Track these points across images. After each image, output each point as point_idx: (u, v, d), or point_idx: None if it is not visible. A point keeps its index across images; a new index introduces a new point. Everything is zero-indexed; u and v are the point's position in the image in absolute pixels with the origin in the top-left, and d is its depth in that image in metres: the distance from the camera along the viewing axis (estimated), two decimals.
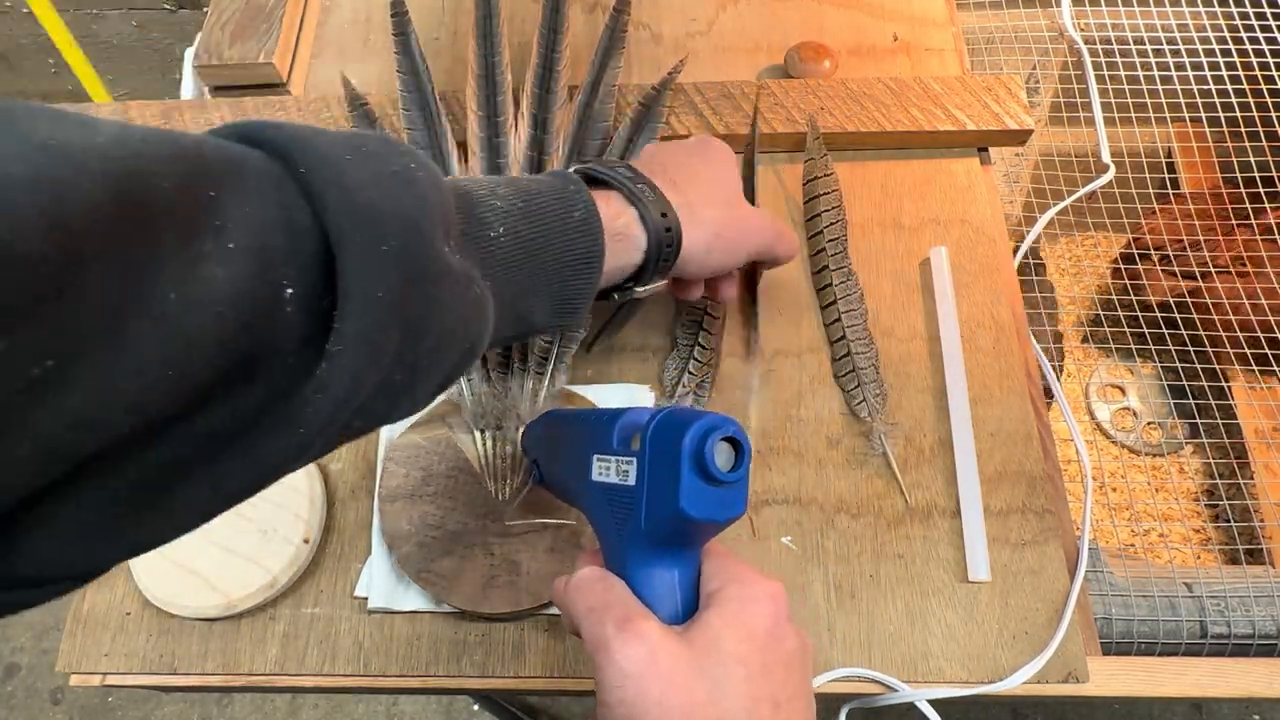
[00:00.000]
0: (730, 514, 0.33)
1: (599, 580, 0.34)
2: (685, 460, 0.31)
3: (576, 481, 0.38)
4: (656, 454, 0.33)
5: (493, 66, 0.61)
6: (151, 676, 0.49)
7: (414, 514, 0.51)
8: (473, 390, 0.54)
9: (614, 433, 0.36)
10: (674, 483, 0.32)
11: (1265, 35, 0.77)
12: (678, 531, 0.33)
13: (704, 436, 0.31)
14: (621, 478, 0.35)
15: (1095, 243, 0.93)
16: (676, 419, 0.33)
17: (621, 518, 0.35)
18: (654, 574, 0.34)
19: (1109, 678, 0.49)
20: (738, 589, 0.33)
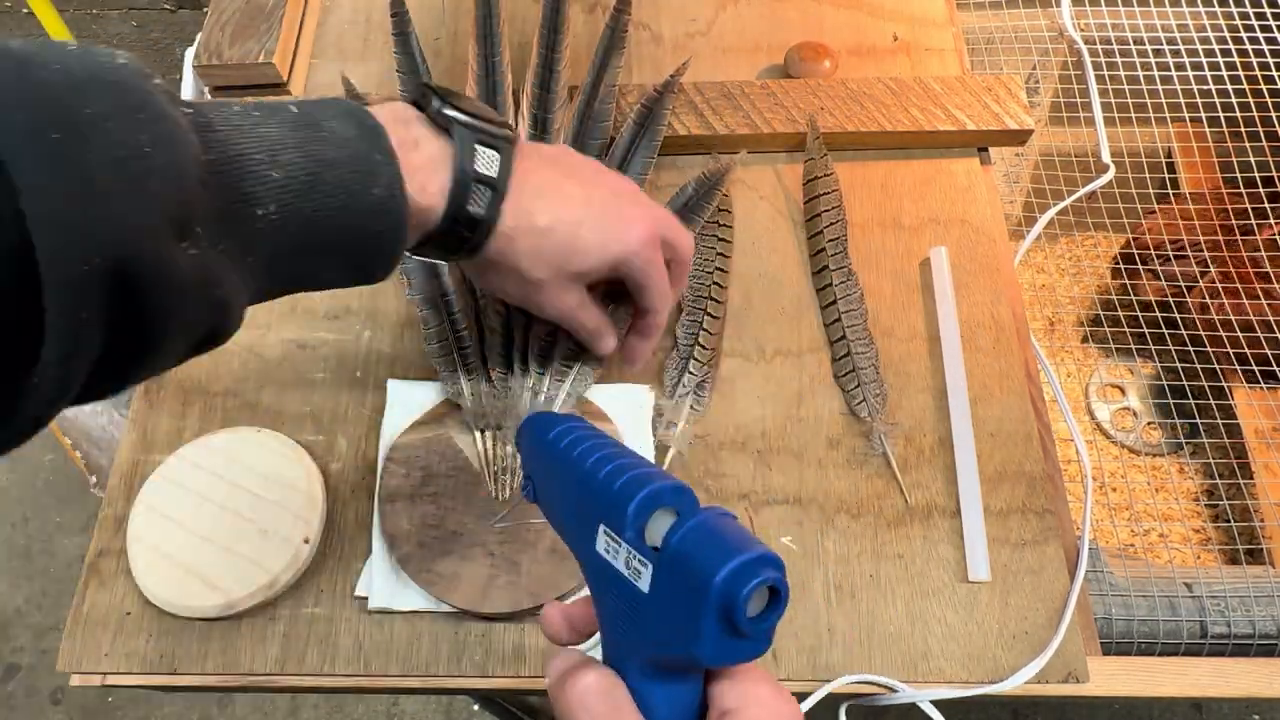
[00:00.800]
0: (750, 657, 0.28)
1: (606, 699, 0.29)
2: (711, 606, 0.26)
3: (578, 537, 0.33)
4: (678, 577, 0.27)
5: (493, 66, 0.61)
6: (151, 676, 0.49)
7: (414, 514, 0.51)
8: (473, 390, 0.54)
9: (629, 512, 0.29)
10: (694, 624, 0.26)
11: (1265, 35, 0.77)
12: (690, 665, 0.29)
13: (738, 584, 0.26)
14: (632, 575, 0.29)
15: (1095, 243, 0.93)
16: (707, 544, 0.27)
17: (627, 614, 0.30)
18: (656, 688, 0.29)
19: (1109, 678, 0.49)
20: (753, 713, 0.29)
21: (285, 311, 0.60)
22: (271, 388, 0.57)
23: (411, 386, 0.56)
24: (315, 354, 0.58)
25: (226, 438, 0.54)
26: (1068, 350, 0.85)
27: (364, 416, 0.56)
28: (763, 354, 0.57)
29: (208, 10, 0.70)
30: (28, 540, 1.42)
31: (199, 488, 0.52)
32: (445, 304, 0.56)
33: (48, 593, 1.38)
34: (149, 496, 0.52)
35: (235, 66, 0.67)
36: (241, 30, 0.68)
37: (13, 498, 1.45)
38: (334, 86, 0.70)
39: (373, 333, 0.59)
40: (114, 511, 0.53)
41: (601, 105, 0.61)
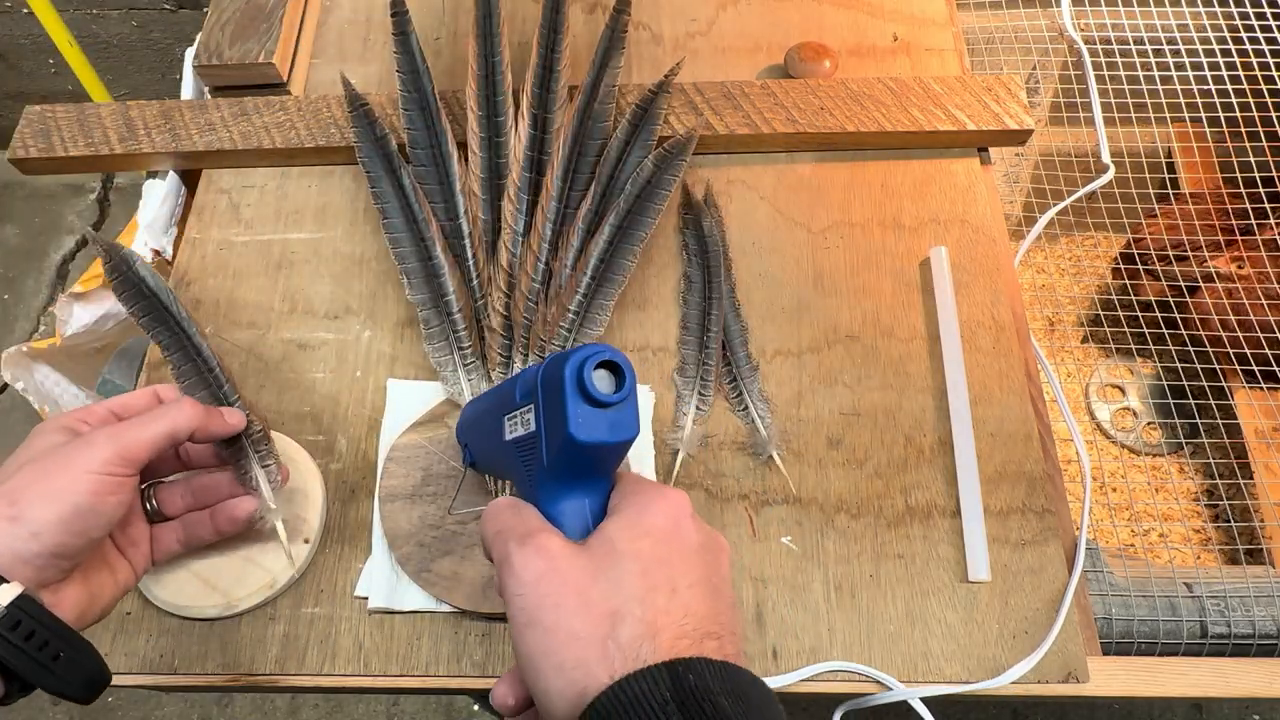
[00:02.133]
0: (620, 436, 0.34)
1: (508, 506, 0.35)
2: (568, 389, 0.33)
3: (496, 448, 0.40)
4: (547, 394, 0.35)
5: (493, 67, 0.61)
6: (151, 676, 0.49)
7: (414, 514, 0.51)
8: (473, 390, 0.54)
9: (516, 390, 0.38)
10: (563, 412, 0.33)
11: (1265, 35, 0.77)
12: (576, 460, 0.35)
13: (582, 363, 0.33)
14: (526, 427, 0.37)
15: (1095, 243, 0.92)
16: (560, 357, 0.34)
17: (531, 461, 0.36)
18: (564, 505, 0.35)
19: (1109, 678, 0.49)
20: (636, 499, 0.35)
21: (285, 312, 0.60)
22: (271, 388, 0.57)
23: (411, 386, 0.56)
24: (315, 354, 0.58)
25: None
26: (1068, 350, 0.85)
27: (364, 416, 0.56)
28: (763, 354, 0.57)
29: (208, 10, 0.70)
30: None
31: None
32: (445, 305, 0.56)
33: None
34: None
35: (235, 66, 0.67)
36: (241, 30, 0.68)
37: None
38: (334, 86, 0.70)
39: (373, 333, 0.59)
40: None
41: (601, 105, 0.61)
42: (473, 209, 0.59)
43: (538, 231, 0.57)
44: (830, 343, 0.58)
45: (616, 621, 0.31)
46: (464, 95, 0.62)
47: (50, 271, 1.60)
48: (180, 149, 0.63)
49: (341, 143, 0.63)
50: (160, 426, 0.42)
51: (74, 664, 0.38)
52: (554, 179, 0.59)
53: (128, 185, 1.70)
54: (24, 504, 0.37)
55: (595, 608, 0.31)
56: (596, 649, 0.30)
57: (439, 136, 0.60)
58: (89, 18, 1.44)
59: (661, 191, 0.58)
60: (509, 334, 0.56)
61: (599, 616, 0.31)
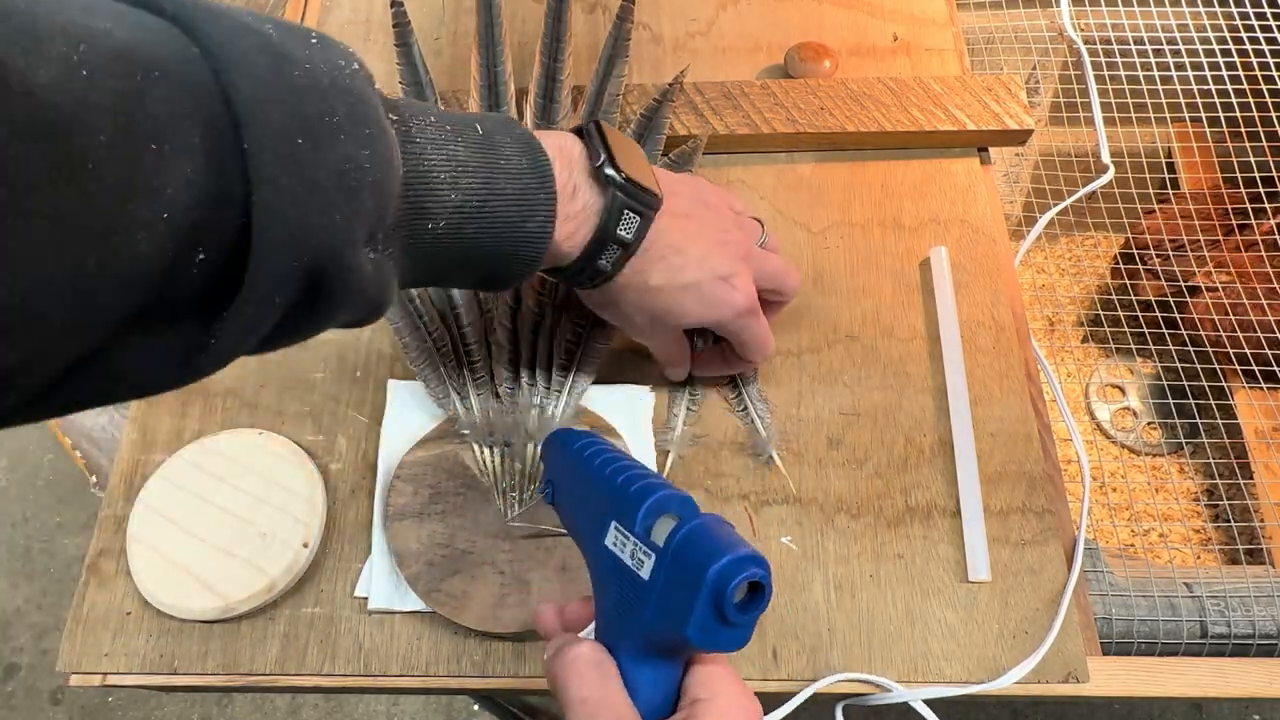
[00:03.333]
0: (734, 648, 0.32)
1: (596, 669, 0.33)
2: (704, 593, 0.31)
3: (588, 535, 0.37)
4: (677, 567, 0.32)
5: (495, 76, 0.61)
6: (151, 676, 0.49)
7: (422, 532, 0.51)
8: (481, 406, 0.54)
9: (639, 512, 0.34)
10: (687, 608, 0.31)
11: (1265, 35, 0.77)
12: (677, 646, 0.33)
13: (728, 575, 0.30)
14: (635, 565, 0.34)
15: (1095, 243, 0.92)
16: (705, 541, 0.32)
17: (625, 601, 0.34)
18: (644, 672, 0.33)
19: (1109, 678, 0.49)
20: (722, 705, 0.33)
21: None
22: (271, 388, 0.57)
23: (412, 386, 0.56)
24: (315, 354, 0.58)
25: (227, 439, 0.54)
26: (1068, 350, 0.85)
27: (364, 417, 0.56)
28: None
29: None
30: (28, 540, 1.42)
31: (198, 489, 0.52)
32: (455, 317, 0.55)
33: (48, 593, 1.38)
34: (149, 497, 0.52)
35: None
36: None
37: (13, 498, 1.45)
38: None
39: (373, 333, 0.59)
40: (114, 511, 0.53)
41: (606, 114, 0.61)
42: None
43: None
44: (830, 343, 0.58)
45: None
46: (464, 95, 0.62)
47: None
48: None
49: None
50: None
51: None
52: None
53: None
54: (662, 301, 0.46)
55: None
56: None
57: None
58: None
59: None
60: (515, 348, 0.55)
61: None
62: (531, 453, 0.53)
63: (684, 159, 0.59)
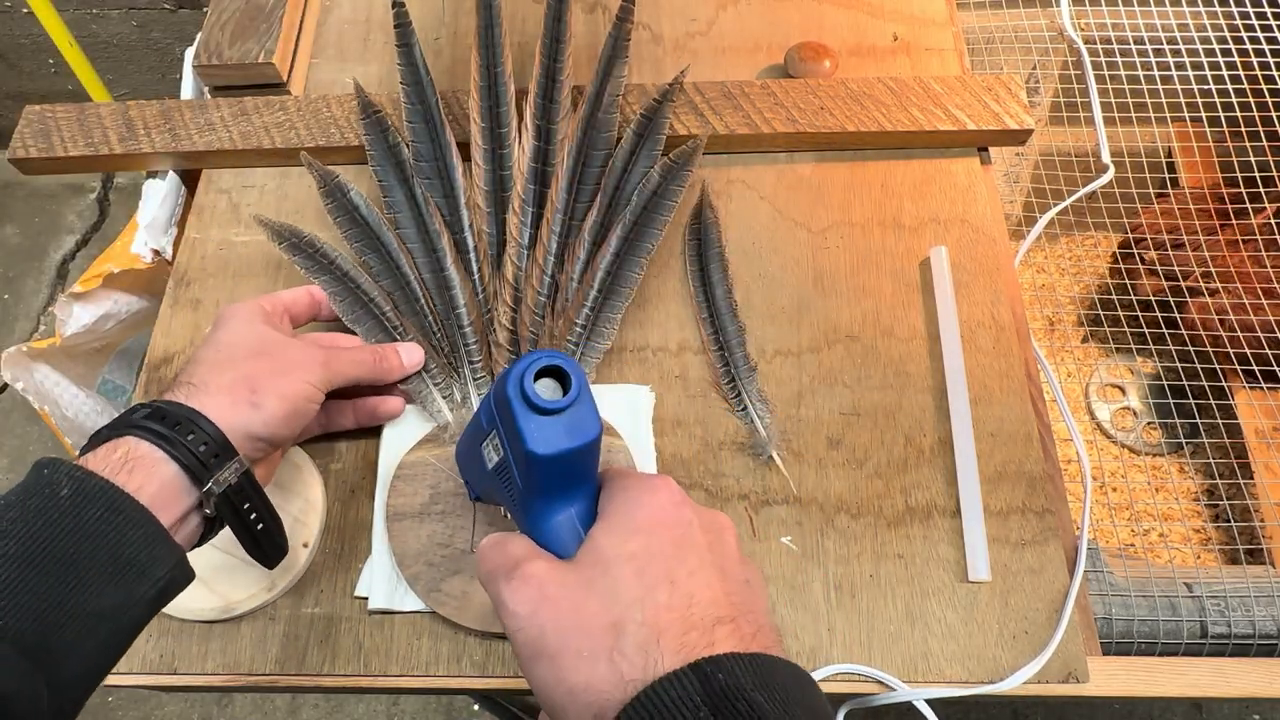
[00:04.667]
0: (581, 439, 0.33)
1: (493, 544, 0.35)
2: (515, 405, 0.32)
3: (486, 481, 0.39)
4: (501, 415, 0.34)
5: (495, 77, 0.61)
6: (151, 676, 0.49)
7: (422, 533, 0.51)
8: None
9: (482, 416, 0.37)
10: (517, 430, 0.32)
11: (1265, 35, 0.77)
12: (547, 474, 0.33)
13: (521, 376, 0.32)
14: (498, 454, 0.36)
15: (1095, 242, 0.92)
16: (502, 374, 0.33)
17: (511, 488, 0.35)
18: (553, 522, 0.34)
19: (1109, 678, 0.49)
20: (622, 497, 0.34)
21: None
22: None
23: None
24: None
25: None
26: (1068, 350, 0.85)
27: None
28: (763, 354, 0.57)
29: (208, 10, 0.70)
30: None
31: None
32: (455, 317, 0.56)
33: None
34: None
35: (235, 66, 0.67)
36: (241, 30, 0.68)
37: None
38: (334, 86, 0.70)
39: None
40: None
41: (605, 115, 0.61)
42: (477, 222, 0.59)
43: (543, 244, 0.57)
44: (830, 343, 0.58)
45: (619, 632, 0.30)
46: (464, 95, 0.62)
47: (50, 271, 1.60)
48: (180, 149, 0.63)
49: (342, 142, 0.63)
50: (355, 371, 0.49)
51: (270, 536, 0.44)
52: (559, 191, 0.58)
53: (128, 185, 1.70)
54: (262, 394, 0.43)
55: (595, 622, 0.30)
56: (603, 665, 0.29)
57: (443, 150, 0.60)
58: (89, 18, 1.44)
59: (668, 202, 0.58)
60: (516, 349, 0.55)
61: (600, 630, 0.30)
62: None
63: (686, 159, 0.59)
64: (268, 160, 0.65)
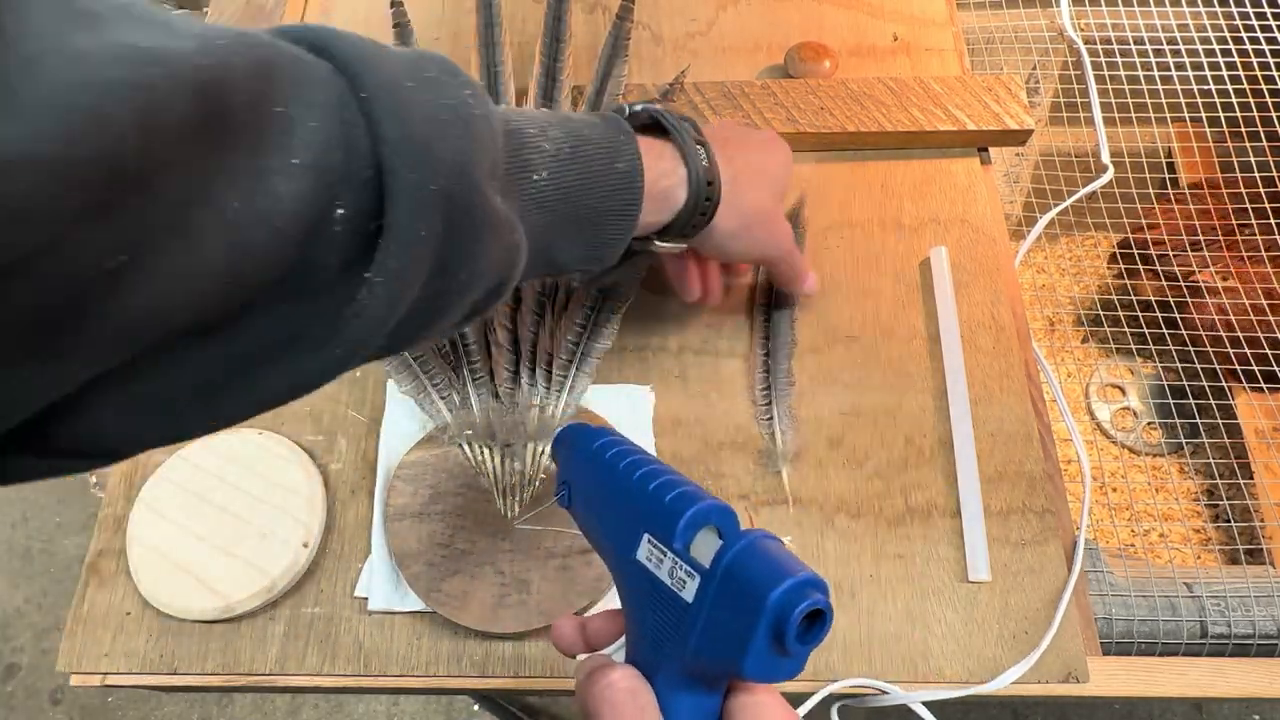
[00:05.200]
0: (785, 678, 0.29)
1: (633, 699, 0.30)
2: (763, 623, 0.27)
3: (615, 545, 0.34)
4: (728, 592, 0.29)
5: (495, 76, 0.61)
6: (151, 676, 0.49)
7: (422, 532, 0.51)
8: (481, 406, 0.54)
9: (678, 526, 0.31)
10: (742, 638, 0.28)
11: (1265, 35, 0.77)
12: (727, 676, 0.30)
13: (791, 603, 0.27)
14: (675, 585, 0.30)
15: (1095, 243, 0.92)
16: (760, 564, 0.28)
17: (663, 625, 0.31)
18: (681, 698, 0.30)
19: (1109, 678, 0.49)
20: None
21: None
22: None
23: None
24: None
25: (227, 439, 0.54)
26: (1068, 350, 0.85)
27: (364, 417, 0.56)
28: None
29: (207, 10, 0.70)
30: (28, 540, 1.42)
31: (199, 489, 0.52)
32: None
33: (48, 593, 1.38)
34: (149, 497, 0.52)
35: None
36: None
37: (12, 497, 1.45)
38: None
39: None
40: (114, 511, 0.53)
41: None
42: None
43: None
44: (830, 343, 0.58)
45: None
46: None
47: None
48: None
49: None
50: None
51: None
52: None
53: None
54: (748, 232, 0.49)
55: None
56: None
57: None
58: None
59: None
60: (515, 349, 0.55)
61: None
62: (532, 452, 0.53)
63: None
64: None
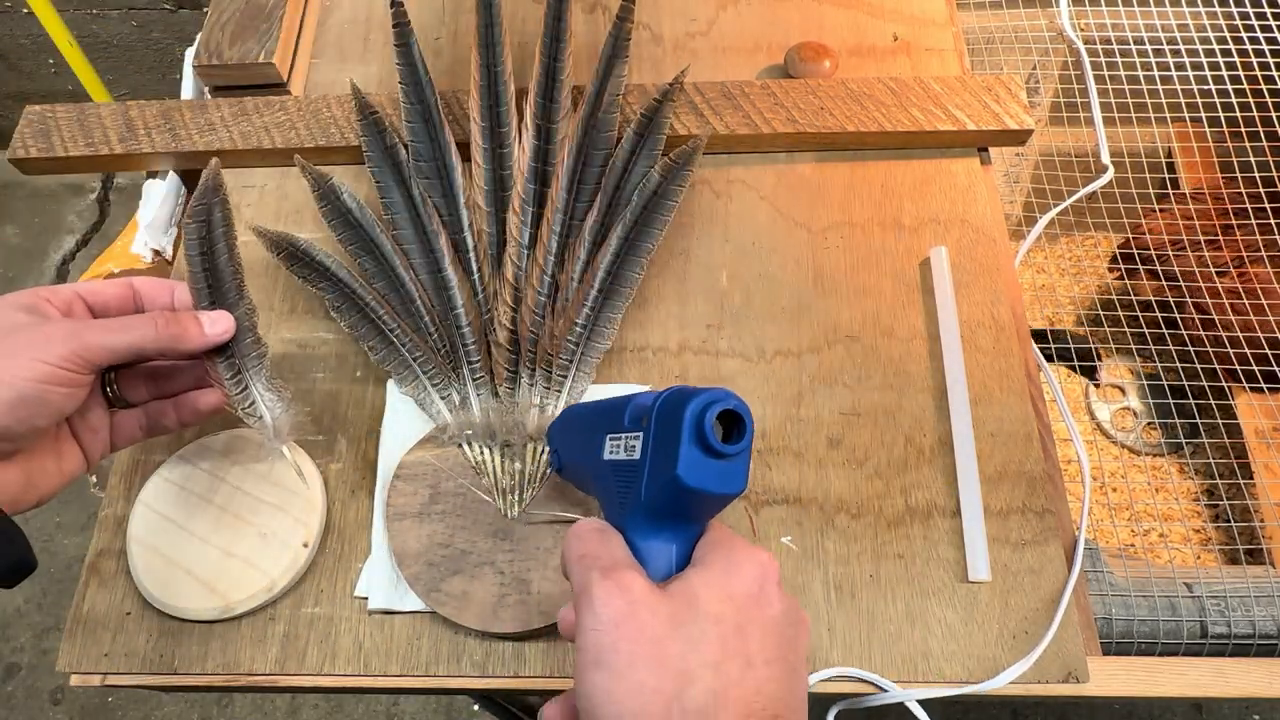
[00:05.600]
0: (727, 489, 0.33)
1: (596, 530, 0.35)
2: (685, 430, 0.32)
3: (590, 463, 0.40)
4: (661, 428, 0.34)
5: (495, 76, 0.61)
6: (151, 676, 0.49)
7: (422, 533, 0.51)
8: (481, 406, 0.54)
9: (626, 413, 0.37)
10: (674, 452, 0.33)
11: (1265, 35, 0.77)
12: (676, 501, 0.34)
13: (704, 408, 0.33)
14: (629, 453, 0.36)
15: (1095, 243, 0.92)
16: (681, 394, 0.34)
17: (625, 490, 0.36)
18: (652, 544, 0.35)
19: (1109, 678, 0.49)
20: (725, 553, 0.34)
21: (285, 311, 0.60)
22: None
23: None
24: (315, 354, 0.58)
25: (227, 439, 0.54)
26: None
27: (364, 417, 0.56)
28: (763, 354, 0.57)
29: (208, 10, 0.70)
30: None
31: (198, 489, 0.52)
32: (455, 317, 0.56)
33: (48, 593, 1.38)
34: (149, 497, 0.52)
35: (235, 66, 0.67)
36: (241, 30, 0.68)
37: None
38: (334, 86, 0.70)
39: None
40: (114, 511, 0.53)
41: (606, 114, 0.61)
42: (477, 222, 0.59)
43: (543, 244, 0.57)
44: (830, 343, 0.58)
45: (686, 683, 0.30)
46: (464, 95, 0.62)
47: (50, 271, 1.60)
48: (180, 149, 0.63)
49: (342, 143, 0.63)
50: (127, 339, 0.41)
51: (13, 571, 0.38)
52: (559, 190, 0.58)
53: (128, 185, 1.70)
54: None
55: (668, 663, 0.30)
56: (660, 706, 0.29)
57: (442, 150, 0.60)
58: (89, 18, 1.44)
59: (668, 202, 0.58)
60: (515, 349, 0.55)
61: (670, 673, 0.30)
62: (531, 452, 0.53)
63: (686, 159, 0.59)
64: (268, 160, 0.65)
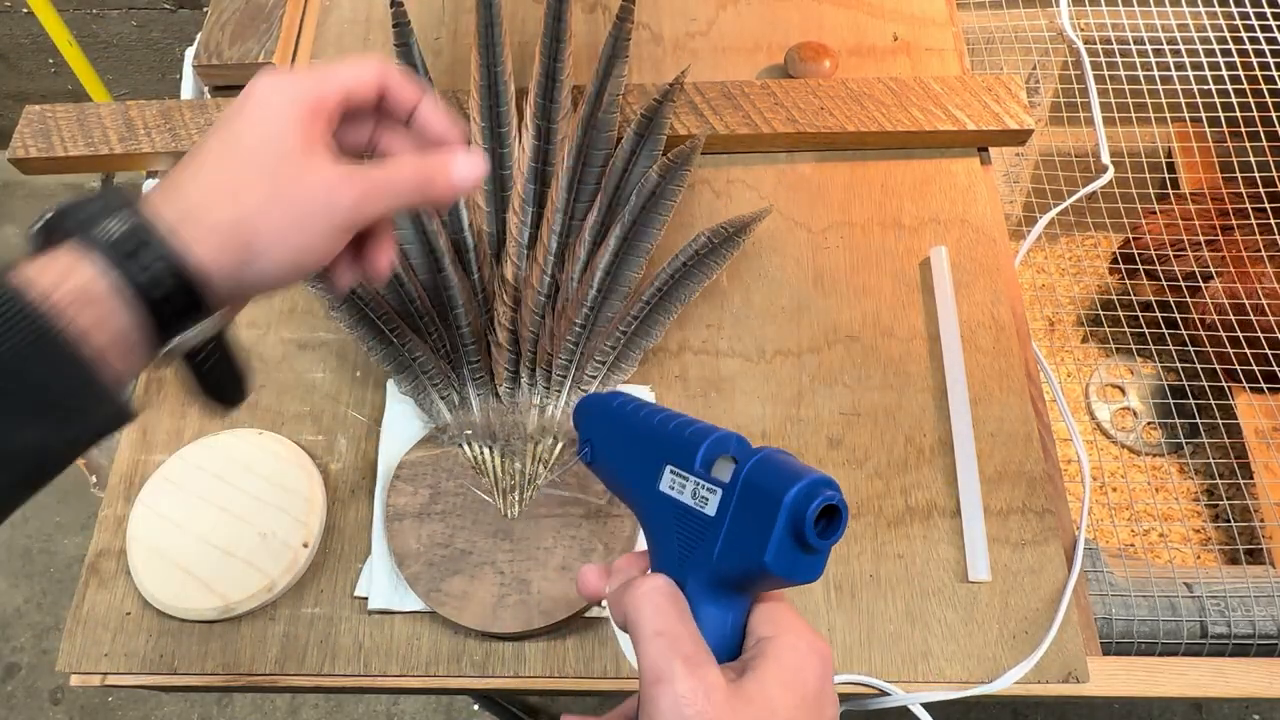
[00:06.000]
0: (809, 578, 0.32)
1: (672, 602, 0.32)
2: (781, 518, 0.30)
3: (638, 484, 0.37)
4: (749, 500, 0.32)
5: (495, 76, 0.61)
6: (151, 676, 0.49)
7: (422, 532, 0.51)
8: (481, 406, 0.54)
9: (699, 452, 0.34)
10: (763, 535, 0.30)
11: (1265, 35, 0.77)
12: (750, 578, 0.32)
13: (807, 498, 0.30)
14: (698, 503, 0.33)
15: (1095, 243, 0.92)
16: (779, 468, 0.32)
17: (688, 542, 0.33)
18: (710, 610, 0.33)
19: (1109, 678, 0.49)
20: (792, 642, 0.32)
21: (285, 311, 0.60)
22: (271, 388, 0.57)
23: None
24: (315, 354, 0.58)
25: (227, 439, 0.54)
26: (1068, 350, 0.85)
27: (364, 417, 0.56)
28: (763, 354, 0.57)
29: (208, 10, 0.70)
30: (28, 540, 1.42)
31: (199, 489, 0.52)
32: (454, 317, 0.55)
33: (48, 593, 1.38)
34: (149, 497, 0.52)
35: (235, 66, 0.67)
36: (241, 30, 0.68)
37: None
38: None
39: None
40: (114, 511, 0.53)
41: (605, 114, 0.60)
42: (477, 222, 0.59)
43: (543, 244, 0.57)
44: (830, 343, 0.58)
45: None
46: (464, 94, 0.62)
47: None
48: (180, 149, 0.63)
49: None
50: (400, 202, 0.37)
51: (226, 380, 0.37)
52: (559, 190, 0.58)
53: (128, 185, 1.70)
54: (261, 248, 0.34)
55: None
56: None
57: None
58: (89, 18, 1.44)
59: (666, 202, 0.58)
60: (515, 349, 0.55)
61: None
62: (532, 452, 0.53)
63: (684, 159, 0.59)
64: None
